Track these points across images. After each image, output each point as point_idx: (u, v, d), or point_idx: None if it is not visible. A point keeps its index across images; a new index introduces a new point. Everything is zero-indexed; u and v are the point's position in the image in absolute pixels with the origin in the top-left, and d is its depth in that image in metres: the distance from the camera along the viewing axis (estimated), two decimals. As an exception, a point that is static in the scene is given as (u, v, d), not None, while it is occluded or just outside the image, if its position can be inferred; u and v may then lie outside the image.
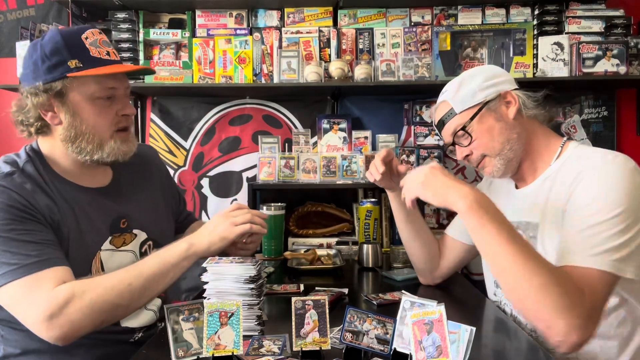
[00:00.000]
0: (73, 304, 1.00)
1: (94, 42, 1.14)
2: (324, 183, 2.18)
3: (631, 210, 0.98)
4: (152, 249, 1.30)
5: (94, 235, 1.18)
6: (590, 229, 0.99)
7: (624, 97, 2.42)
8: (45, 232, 1.08)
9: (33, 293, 1.00)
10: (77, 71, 1.10)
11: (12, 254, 1.02)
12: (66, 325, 1.00)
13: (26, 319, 1.02)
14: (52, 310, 0.99)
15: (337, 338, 0.93)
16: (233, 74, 2.25)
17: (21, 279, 1.00)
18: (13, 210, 1.05)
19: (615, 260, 0.96)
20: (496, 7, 2.27)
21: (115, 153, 1.18)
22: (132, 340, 1.23)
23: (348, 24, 2.33)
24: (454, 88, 1.25)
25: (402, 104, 2.43)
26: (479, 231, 0.98)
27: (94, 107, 1.15)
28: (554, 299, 0.90)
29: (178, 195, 1.56)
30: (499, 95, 1.21)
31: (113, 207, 1.25)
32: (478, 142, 1.21)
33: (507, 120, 1.20)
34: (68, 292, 1.01)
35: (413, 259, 1.48)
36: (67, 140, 1.15)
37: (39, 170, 1.15)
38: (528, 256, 0.94)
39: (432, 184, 1.06)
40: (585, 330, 0.91)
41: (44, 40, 1.13)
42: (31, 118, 1.14)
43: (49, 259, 1.04)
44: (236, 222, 1.13)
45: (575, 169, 1.10)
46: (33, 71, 1.12)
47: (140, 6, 2.28)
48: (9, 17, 2.43)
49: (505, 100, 1.21)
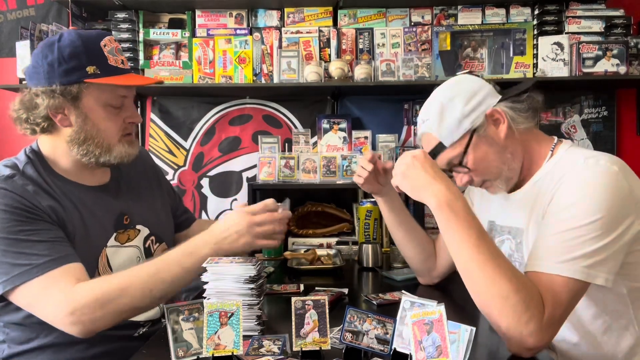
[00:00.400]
0: (95, 304, 1.02)
1: (111, 50, 1.17)
2: (324, 183, 2.18)
3: (609, 216, 0.96)
4: (155, 244, 1.33)
5: (99, 232, 1.20)
6: (564, 234, 0.97)
7: (624, 97, 2.42)
8: (54, 230, 1.09)
9: (51, 291, 1.02)
10: (95, 78, 1.13)
11: (24, 255, 1.03)
12: (88, 323, 1.03)
13: (48, 316, 1.05)
14: (73, 307, 1.01)
15: (337, 338, 0.93)
16: (233, 74, 2.25)
17: (37, 278, 1.02)
18: (18, 211, 1.06)
19: (585, 266, 0.94)
20: (496, 7, 2.28)
21: (122, 156, 1.21)
22: (136, 334, 1.24)
23: (348, 24, 2.33)
24: (435, 118, 1.15)
25: (402, 104, 2.43)
26: (447, 232, 0.99)
27: (105, 113, 1.17)
28: (513, 307, 0.90)
29: (173, 192, 1.58)
30: (485, 116, 1.14)
31: (115, 204, 1.27)
32: (475, 171, 1.17)
33: (499, 142, 1.14)
34: (90, 292, 1.03)
35: (409, 260, 1.48)
36: (75, 142, 1.16)
37: (40, 172, 1.16)
38: (492, 263, 0.93)
39: (411, 176, 1.05)
40: (540, 339, 0.91)
41: (61, 43, 1.12)
42: (38, 118, 1.14)
43: (62, 257, 1.06)
44: (259, 234, 1.11)
45: (560, 173, 1.08)
46: (48, 72, 1.11)
47: (140, 6, 2.28)
48: (9, 17, 2.43)
49: (492, 119, 1.14)
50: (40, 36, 2.12)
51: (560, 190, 1.04)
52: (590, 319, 1.08)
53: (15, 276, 1.03)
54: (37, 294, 1.03)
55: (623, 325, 1.08)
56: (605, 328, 1.08)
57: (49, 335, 1.13)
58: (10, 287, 1.03)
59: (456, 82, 1.19)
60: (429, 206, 1.01)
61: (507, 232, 1.25)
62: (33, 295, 1.04)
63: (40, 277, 1.02)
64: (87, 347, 1.16)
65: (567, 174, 1.05)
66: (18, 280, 1.02)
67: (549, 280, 0.95)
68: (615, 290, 1.05)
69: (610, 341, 1.08)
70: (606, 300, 1.07)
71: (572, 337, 1.10)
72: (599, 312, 1.07)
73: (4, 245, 1.04)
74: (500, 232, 1.28)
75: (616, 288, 1.04)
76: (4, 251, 1.03)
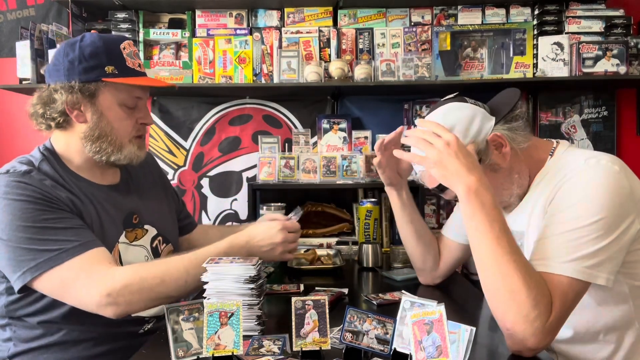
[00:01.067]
0: (132, 287, 1.06)
1: (129, 53, 1.22)
2: (324, 183, 2.18)
3: (611, 216, 0.97)
4: (162, 244, 1.36)
5: (112, 228, 1.23)
6: (567, 234, 0.97)
7: (624, 97, 2.42)
8: (76, 218, 1.13)
9: (86, 273, 1.06)
10: (113, 77, 1.18)
11: (51, 241, 1.06)
12: (123, 304, 1.07)
13: (82, 298, 1.07)
14: (111, 288, 1.05)
15: (337, 338, 0.93)
16: (233, 74, 2.25)
17: (67, 262, 1.06)
18: (40, 201, 1.09)
19: (587, 267, 0.95)
20: (496, 7, 2.28)
21: (131, 157, 1.25)
22: (141, 331, 1.26)
23: (348, 24, 2.33)
24: None
25: (402, 104, 2.43)
26: (471, 221, 0.99)
27: (120, 112, 1.22)
28: (522, 305, 0.90)
29: (177, 196, 1.62)
30: (486, 143, 1.11)
31: (125, 203, 1.30)
32: None
33: (504, 166, 1.13)
34: (127, 275, 1.07)
35: (413, 258, 1.48)
36: (89, 139, 1.20)
37: (55, 168, 1.19)
38: (510, 257, 0.93)
39: (444, 163, 1.01)
40: (542, 338, 0.91)
41: (83, 42, 1.17)
42: (55, 113, 1.18)
43: (90, 241, 1.10)
44: (287, 249, 1.24)
45: (560, 174, 1.08)
46: (68, 69, 1.16)
47: (140, 6, 2.28)
48: (9, 17, 2.43)
49: (493, 144, 1.12)
50: (40, 36, 2.12)
51: (562, 189, 1.04)
52: (592, 318, 1.08)
53: (44, 261, 1.05)
54: (69, 278, 1.06)
55: (625, 323, 1.08)
56: (607, 327, 1.08)
57: (55, 333, 1.15)
58: (39, 272, 1.05)
59: (448, 110, 1.13)
60: (457, 194, 1.00)
61: None
62: (63, 279, 1.06)
63: (71, 261, 1.06)
64: (93, 345, 1.17)
65: (568, 173, 1.05)
66: (46, 265, 1.05)
67: (558, 280, 0.95)
68: (617, 289, 1.05)
69: (611, 339, 1.08)
70: (608, 299, 1.07)
71: (572, 337, 1.10)
72: (601, 311, 1.07)
73: (29, 234, 1.06)
74: None
75: (618, 287, 1.05)
76: (29, 239, 1.06)
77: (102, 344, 1.18)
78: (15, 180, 1.10)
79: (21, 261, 1.06)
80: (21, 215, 1.06)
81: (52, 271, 1.05)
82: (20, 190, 1.08)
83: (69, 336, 1.15)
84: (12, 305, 1.14)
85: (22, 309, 1.14)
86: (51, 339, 1.15)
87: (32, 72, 2.10)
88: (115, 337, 1.20)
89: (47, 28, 2.15)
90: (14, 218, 1.06)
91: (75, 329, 1.15)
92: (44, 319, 1.14)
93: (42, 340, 1.15)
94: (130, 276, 1.07)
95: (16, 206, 1.07)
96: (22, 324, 1.16)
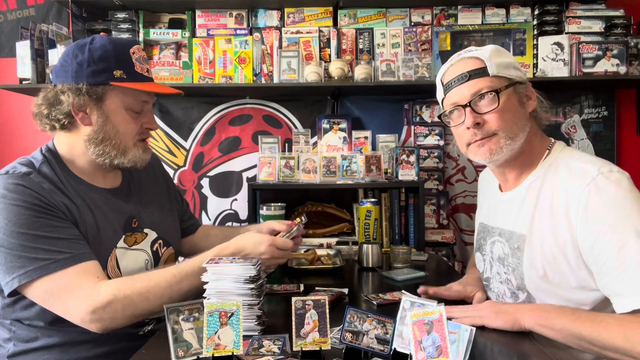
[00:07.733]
0: (116, 305, 1.06)
1: (138, 58, 1.22)
2: (324, 183, 2.18)
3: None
4: (163, 248, 1.36)
5: (110, 233, 1.22)
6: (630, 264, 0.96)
7: (624, 97, 2.42)
8: (71, 228, 1.12)
9: (73, 287, 1.05)
10: (121, 81, 1.17)
11: (43, 250, 1.06)
12: (108, 321, 1.06)
13: (69, 312, 1.07)
14: (95, 306, 1.05)
15: (337, 338, 0.93)
16: (233, 74, 2.25)
17: (56, 273, 1.05)
18: (36, 208, 1.08)
19: None
20: (496, 7, 2.28)
21: (135, 160, 1.25)
22: (141, 332, 1.26)
23: (348, 24, 2.33)
24: (489, 52, 1.17)
25: (402, 104, 2.43)
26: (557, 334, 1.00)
27: (126, 116, 1.21)
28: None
29: (181, 198, 1.62)
30: (525, 84, 1.19)
31: (125, 207, 1.29)
32: (499, 115, 1.14)
33: (526, 110, 1.18)
34: (112, 292, 1.06)
35: None
36: (92, 142, 1.20)
37: (55, 171, 1.18)
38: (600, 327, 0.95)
39: (501, 312, 1.08)
40: None
41: (93, 45, 1.17)
42: (60, 114, 1.17)
43: (81, 254, 1.09)
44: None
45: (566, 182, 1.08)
46: (76, 71, 1.16)
47: (140, 6, 2.28)
48: (9, 17, 2.43)
49: (527, 91, 1.19)
50: (40, 36, 2.12)
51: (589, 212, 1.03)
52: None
53: (33, 270, 1.04)
54: (56, 289, 1.05)
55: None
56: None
57: (55, 334, 1.15)
58: (28, 280, 1.04)
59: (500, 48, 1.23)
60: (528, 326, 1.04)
61: (497, 234, 1.26)
62: (51, 289, 1.05)
63: (60, 272, 1.05)
64: (93, 346, 1.17)
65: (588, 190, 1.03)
66: (36, 273, 1.04)
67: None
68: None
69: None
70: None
71: None
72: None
73: (22, 241, 1.05)
74: (491, 233, 1.29)
75: None
76: (22, 246, 1.05)
77: (102, 345, 1.18)
78: (14, 182, 1.09)
79: (11, 267, 1.05)
80: (17, 220, 1.06)
81: (41, 280, 1.05)
82: (17, 195, 1.07)
83: (69, 337, 1.15)
84: (9, 307, 1.15)
85: (19, 311, 1.14)
86: (51, 340, 1.15)
87: (32, 72, 2.10)
88: (115, 338, 1.19)
89: (47, 28, 2.15)
90: (9, 223, 1.05)
91: (75, 330, 1.15)
92: (43, 320, 1.13)
93: (42, 341, 1.15)
94: (115, 293, 1.06)
95: (12, 210, 1.06)
96: (21, 325, 1.16)
